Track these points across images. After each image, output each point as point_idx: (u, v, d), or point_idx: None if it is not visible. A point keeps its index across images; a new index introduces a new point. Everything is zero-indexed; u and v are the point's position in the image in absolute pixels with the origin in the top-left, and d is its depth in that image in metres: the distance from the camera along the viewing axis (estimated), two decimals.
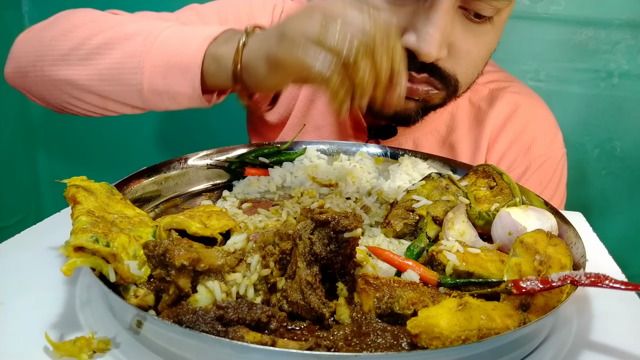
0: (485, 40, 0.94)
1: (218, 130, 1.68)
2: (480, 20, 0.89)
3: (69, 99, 0.91)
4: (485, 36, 0.93)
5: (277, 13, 1.16)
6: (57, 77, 0.89)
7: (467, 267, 0.61)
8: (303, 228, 0.57)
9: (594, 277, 0.54)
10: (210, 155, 0.97)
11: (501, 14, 0.91)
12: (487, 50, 0.97)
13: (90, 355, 0.51)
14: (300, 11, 0.70)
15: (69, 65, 0.87)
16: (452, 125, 1.14)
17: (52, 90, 0.92)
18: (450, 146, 1.14)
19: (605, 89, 1.53)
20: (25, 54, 0.93)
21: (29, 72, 0.92)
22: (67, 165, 1.87)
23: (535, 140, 1.12)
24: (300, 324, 0.55)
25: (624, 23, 1.46)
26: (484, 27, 0.91)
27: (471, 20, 0.89)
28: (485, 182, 0.85)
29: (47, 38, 0.91)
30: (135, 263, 0.58)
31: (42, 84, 0.92)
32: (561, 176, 1.16)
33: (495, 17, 0.91)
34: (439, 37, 0.84)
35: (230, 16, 1.10)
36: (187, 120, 1.72)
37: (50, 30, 0.92)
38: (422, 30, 0.84)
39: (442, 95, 0.96)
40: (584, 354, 0.56)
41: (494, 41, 0.97)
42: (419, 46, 0.85)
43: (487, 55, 0.99)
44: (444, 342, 0.48)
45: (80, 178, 0.71)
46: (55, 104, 0.95)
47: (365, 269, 0.61)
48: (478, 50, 0.94)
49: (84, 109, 0.93)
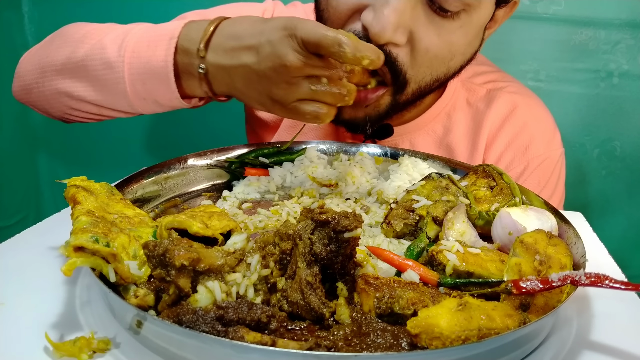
0: (448, 39, 0.89)
1: (218, 130, 1.68)
2: (445, 15, 0.86)
3: (69, 110, 0.97)
4: (450, 35, 0.89)
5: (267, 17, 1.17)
6: (57, 90, 0.94)
7: (467, 267, 0.61)
8: (303, 228, 0.57)
9: (594, 277, 0.54)
10: (210, 155, 0.97)
11: (471, 14, 0.88)
12: (448, 51, 0.91)
13: (90, 355, 0.51)
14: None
15: (64, 78, 0.92)
16: (449, 126, 1.13)
17: (53, 102, 0.97)
18: (448, 147, 1.14)
19: (605, 89, 1.53)
20: (28, 72, 0.98)
21: (32, 89, 0.98)
22: (67, 165, 1.87)
23: (534, 140, 1.12)
24: (300, 324, 0.55)
25: (624, 23, 1.46)
26: (450, 24, 0.88)
27: (436, 13, 0.86)
28: (485, 182, 0.85)
29: (45, 55, 0.96)
30: (135, 263, 0.58)
31: (44, 98, 0.98)
32: (559, 176, 1.16)
33: (463, 16, 0.88)
34: (394, 19, 0.82)
35: None
36: (187, 120, 1.71)
37: (47, 48, 0.97)
38: (379, 10, 0.83)
39: (387, 100, 0.94)
40: (584, 354, 0.56)
41: (459, 44, 0.92)
42: (372, 24, 0.83)
43: (447, 57, 0.92)
44: (444, 342, 0.48)
45: (80, 178, 0.71)
46: (58, 116, 1.01)
47: (365, 269, 0.61)
48: (438, 49, 0.90)
49: (83, 117, 0.99)
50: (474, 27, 0.92)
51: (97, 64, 0.88)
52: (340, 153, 1.02)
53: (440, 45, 0.89)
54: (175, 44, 0.82)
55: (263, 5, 1.19)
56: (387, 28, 0.82)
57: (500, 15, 0.99)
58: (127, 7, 1.57)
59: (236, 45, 0.79)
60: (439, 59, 0.92)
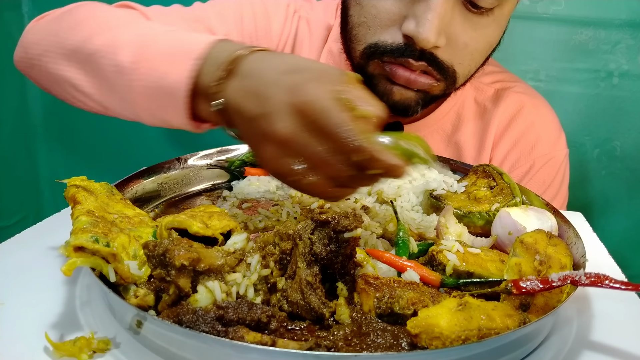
0: (484, 34, 0.93)
1: (218, 130, 1.67)
2: (479, 12, 0.89)
3: (72, 99, 0.88)
4: (485, 29, 0.92)
5: (290, 12, 1.16)
6: (60, 76, 0.85)
7: (467, 267, 0.61)
8: (303, 228, 0.57)
9: (594, 277, 0.54)
10: (210, 155, 0.97)
11: (503, 7, 0.90)
12: (486, 43, 0.96)
13: (90, 355, 0.51)
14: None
15: (70, 66, 0.84)
16: (458, 124, 1.15)
17: (56, 87, 0.89)
18: (456, 145, 1.15)
19: (605, 89, 1.53)
20: (32, 45, 0.90)
21: (34, 64, 0.90)
22: (67, 165, 1.87)
23: (540, 140, 1.13)
24: (300, 324, 0.55)
25: (624, 23, 1.46)
26: (484, 20, 0.90)
27: (470, 11, 0.88)
28: (486, 182, 0.85)
29: (53, 32, 0.87)
30: (135, 263, 0.58)
31: (47, 79, 0.90)
32: (564, 176, 1.17)
33: (496, 10, 0.90)
34: (438, 23, 0.84)
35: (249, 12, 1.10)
36: None
37: (57, 24, 0.89)
38: (421, 17, 0.84)
39: (441, 86, 0.95)
40: (584, 354, 0.56)
41: (495, 35, 0.95)
42: (418, 32, 0.84)
43: (486, 49, 0.97)
44: (444, 342, 0.48)
45: (80, 178, 0.71)
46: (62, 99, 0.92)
47: (365, 269, 0.61)
48: (476, 43, 0.93)
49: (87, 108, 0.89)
50: (505, 17, 0.94)
51: (108, 64, 0.77)
52: None
53: (479, 39, 0.92)
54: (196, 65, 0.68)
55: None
56: (433, 32, 0.84)
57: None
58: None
59: (249, 86, 0.64)
60: (479, 52, 0.95)
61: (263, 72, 0.63)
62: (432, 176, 0.92)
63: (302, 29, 1.16)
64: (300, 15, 1.17)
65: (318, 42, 1.15)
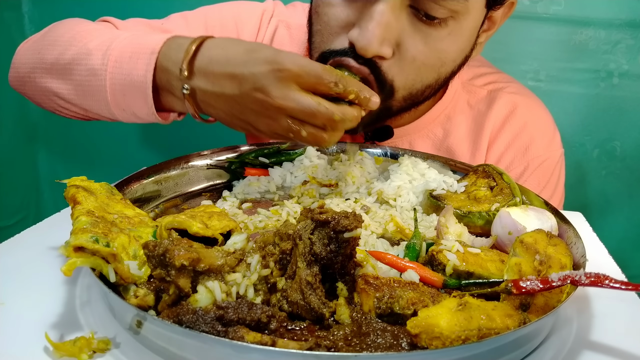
0: (437, 47, 0.89)
1: (218, 130, 1.67)
2: (432, 22, 0.86)
3: (59, 108, 0.97)
4: (438, 42, 0.88)
5: (266, 18, 1.17)
6: (46, 88, 0.94)
7: (467, 267, 0.61)
8: (303, 228, 0.57)
9: (594, 277, 0.54)
10: (210, 155, 0.97)
11: (460, 20, 0.87)
12: (437, 59, 0.91)
13: (90, 355, 0.51)
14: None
15: (53, 78, 0.92)
16: (449, 128, 1.13)
17: (44, 99, 0.97)
18: (448, 150, 1.13)
19: (605, 89, 1.53)
20: (21, 65, 0.98)
21: (25, 82, 0.98)
22: (67, 165, 1.87)
23: (534, 141, 1.12)
24: (300, 324, 0.55)
25: (624, 23, 1.46)
26: (438, 32, 0.87)
27: (422, 22, 0.86)
28: (485, 182, 0.85)
29: (37, 50, 0.96)
30: (135, 263, 0.58)
31: (36, 94, 0.98)
32: (559, 176, 1.16)
33: (451, 22, 0.87)
34: (379, 33, 0.83)
35: (216, 23, 1.13)
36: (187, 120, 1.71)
37: (41, 42, 0.97)
38: (363, 26, 0.84)
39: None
40: (584, 354, 0.56)
41: (450, 51, 0.91)
42: (358, 39, 0.85)
43: (437, 65, 0.92)
44: (444, 342, 0.48)
45: (80, 178, 0.71)
46: (51, 111, 1.01)
47: (365, 269, 0.61)
48: (425, 57, 0.89)
49: (73, 116, 0.99)
50: (464, 32, 0.91)
51: (82, 69, 0.87)
52: (340, 153, 1.03)
53: (428, 54, 0.89)
54: (155, 60, 0.81)
55: (263, 5, 1.19)
56: (373, 42, 0.84)
57: (499, 16, 0.98)
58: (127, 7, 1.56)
59: (220, 71, 0.77)
60: (427, 67, 0.91)
61: (227, 56, 0.77)
62: (432, 176, 0.92)
63: (281, 33, 1.17)
64: (280, 19, 1.18)
65: (299, 45, 1.16)
